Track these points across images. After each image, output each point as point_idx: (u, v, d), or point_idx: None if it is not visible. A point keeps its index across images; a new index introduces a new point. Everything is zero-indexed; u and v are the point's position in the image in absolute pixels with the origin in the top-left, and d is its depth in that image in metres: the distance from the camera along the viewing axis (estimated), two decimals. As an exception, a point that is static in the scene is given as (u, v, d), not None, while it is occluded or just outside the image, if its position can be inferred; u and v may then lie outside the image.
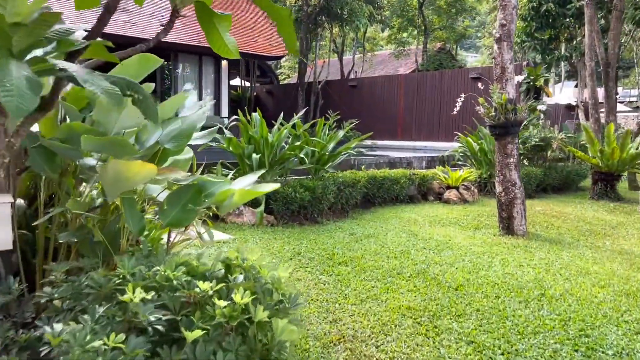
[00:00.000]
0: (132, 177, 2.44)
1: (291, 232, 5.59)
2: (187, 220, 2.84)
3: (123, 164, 2.38)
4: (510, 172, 5.98)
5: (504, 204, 6.03)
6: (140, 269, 2.21)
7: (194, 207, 2.80)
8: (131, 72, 2.93)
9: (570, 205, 8.44)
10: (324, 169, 6.63)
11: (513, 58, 6.02)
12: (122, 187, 2.51)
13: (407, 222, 6.42)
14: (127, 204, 2.66)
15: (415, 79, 15.02)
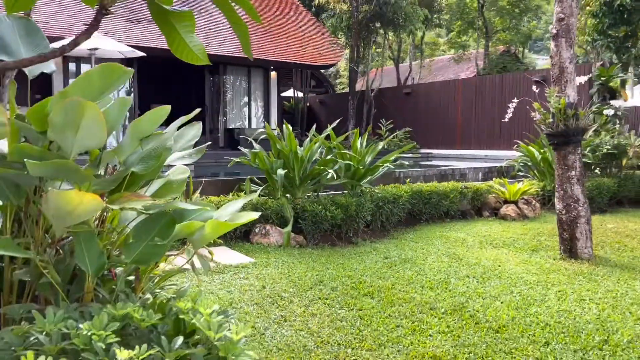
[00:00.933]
0: (72, 210, 2.05)
1: (319, 254, 5.11)
2: (156, 256, 2.43)
3: (59, 194, 2.00)
4: (571, 187, 5.20)
5: (565, 223, 5.27)
6: (65, 324, 1.81)
7: (164, 241, 2.39)
8: (95, 85, 2.55)
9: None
10: (359, 184, 6.10)
11: (574, 56, 5.26)
12: (66, 220, 2.14)
13: (453, 242, 5.77)
14: (80, 240, 2.28)
15: (473, 84, 14.16)
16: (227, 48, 12.78)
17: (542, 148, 8.63)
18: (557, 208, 5.33)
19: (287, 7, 16.74)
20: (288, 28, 15.33)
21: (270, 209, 5.44)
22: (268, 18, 15.56)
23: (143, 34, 11.85)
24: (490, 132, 13.63)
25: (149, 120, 2.73)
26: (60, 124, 2.24)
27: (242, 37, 2.00)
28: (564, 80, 5.22)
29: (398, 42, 21.03)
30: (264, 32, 14.53)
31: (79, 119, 2.20)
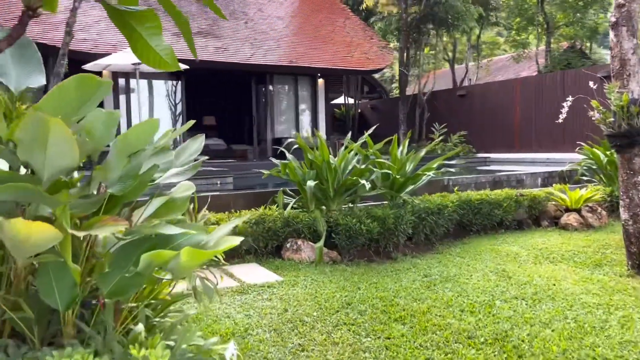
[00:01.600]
0: (25, 240, 1.84)
1: (353, 271, 4.75)
2: (134, 287, 2.19)
3: (7, 223, 1.78)
4: (638, 194, 4.58)
5: (632, 236, 4.65)
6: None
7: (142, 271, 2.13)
8: (70, 97, 2.34)
9: None
10: (398, 195, 5.70)
11: (637, 46, 4.65)
12: (23, 251, 1.93)
13: (504, 257, 5.25)
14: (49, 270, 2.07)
15: (532, 83, 13.32)
16: (272, 57, 12.70)
17: (609, 150, 7.85)
18: (623, 218, 4.72)
19: (335, 13, 16.51)
20: (335, 34, 15.08)
21: (302, 222, 5.15)
22: (315, 25, 15.39)
23: (197, 47, 11.87)
24: (552, 134, 12.73)
25: (137, 135, 2.49)
26: (28, 142, 2.04)
27: (184, 33, 1.78)
28: (626, 73, 4.61)
29: (453, 42, 20.29)
30: (311, 39, 14.37)
31: (44, 136, 1.99)
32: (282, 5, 15.89)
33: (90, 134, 2.39)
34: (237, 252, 5.10)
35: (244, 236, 5.03)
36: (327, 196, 5.48)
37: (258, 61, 12.21)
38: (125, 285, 2.12)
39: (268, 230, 5.12)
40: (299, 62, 12.85)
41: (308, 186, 5.01)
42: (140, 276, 2.11)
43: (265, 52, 12.75)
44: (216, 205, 5.60)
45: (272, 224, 5.12)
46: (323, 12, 16.27)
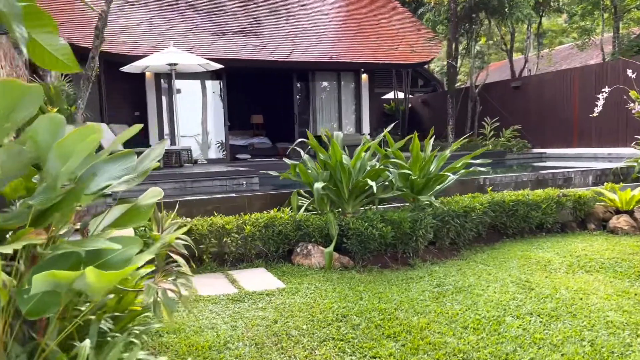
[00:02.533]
0: None
1: (361, 279, 4.47)
2: (54, 305, 2.06)
3: None
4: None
5: (679, 244, 4.08)
6: None
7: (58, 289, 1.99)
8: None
9: None
10: (417, 197, 5.34)
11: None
12: None
13: (533, 265, 4.78)
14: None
15: (592, 72, 12.35)
16: (312, 54, 12.49)
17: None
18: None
19: (381, 5, 16.09)
20: (380, 27, 14.67)
21: (312, 225, 4.92)
22: (359, 18, 15.03)
23: (228, 46, 11.96)
24: (614, 127, 11.75)
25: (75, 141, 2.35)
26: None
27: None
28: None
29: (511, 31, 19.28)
30: (354, 33, 14.04)
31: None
32: (327, 0, 15.66)
33: (34, 142, 2.27)
34: (247, 256, 4.95)
35: (253, 240, 4.88)
36: (342, 198, 5.22)
37: (297, 58, 12.06)
38: (44, 303, 1.99)
39: (279, 234, 4.93)
40: (340, 57, 12.57)
41: (315, 188, 4.77)
42: (57, 295, 1.97)
43: (305, 48, 12.58)
44: (230, 208, 5.48)
45: (283, 227, 4.93)
46: (369, 5, 15.89)
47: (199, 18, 12.88)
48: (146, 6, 12.71)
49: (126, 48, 10.72)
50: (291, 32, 13.19)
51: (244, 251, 4.89)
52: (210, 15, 13.16)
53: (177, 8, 13.08)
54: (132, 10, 12.34)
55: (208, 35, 12.17)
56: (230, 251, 4.82)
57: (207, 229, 4.70)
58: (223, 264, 4.89)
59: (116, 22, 11.70)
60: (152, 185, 7.28)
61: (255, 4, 14.47)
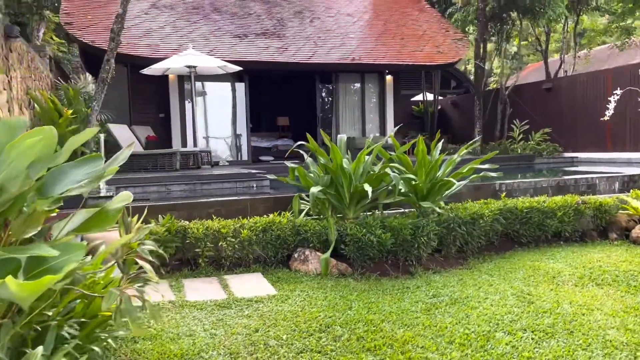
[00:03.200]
0: None
1: (357, 287, 4.34)
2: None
3: None
4: None
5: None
6: None
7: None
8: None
9: None
10: (420, 204, 5.16)
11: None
12: None
13: (540, 276, 4.54)
14: None
15: (627, 73, 11.79)
16: (335, 55, 12.36)
17: None
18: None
19: (409, 6, 15.83)
20: (406, 28, 14.42)
21: (310, 230, 4.82)
22: (385, 19, 14.83)
23: (249, 48, 11.97)
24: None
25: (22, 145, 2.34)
26: None
27: None
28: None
29: (546, 31, 18.69)
30: (378, 34, 13.85)
31: None
32: (353, 2, 15.53)
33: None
34: (244, 261, 4.88)
35: (250, 245, 4.82)
36: (343, 203, 5.10)
37: (319, 60, 11.96)
38: (-21, 311, 1.96)
39: (277, 239, 4.85)
40: (362, 59, 12.41)
41: (311, 192, 4.67)
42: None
43: (328, 50, 12.48)
44: (233, 211, 5.43)
45: (281, 231, 4.85)
46: (396, 6, 15.66)
47: (221, 20, 12.96)
48: (172, 9, 12.89)
49: (148, 51, 10.87)
50: (314, 34, 13.12)
51: (241, 255, 4.83)
52: (234, 18, 13.23)
53: (202, 10, 13.21)
54: (157, 14, 12.53)
55: (230, 37, 12.23)
56: (227, 255, 4.77)
57: (202, 232, 4.66)
58: (219, 269, 4.84)
59: (141, 25, 11.90)
60: (161, 187, 7.33)
61: (280, 6, 14.48)
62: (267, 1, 14.51)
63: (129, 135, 9.71)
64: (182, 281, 4.54)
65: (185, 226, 4.72)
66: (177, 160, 8.58)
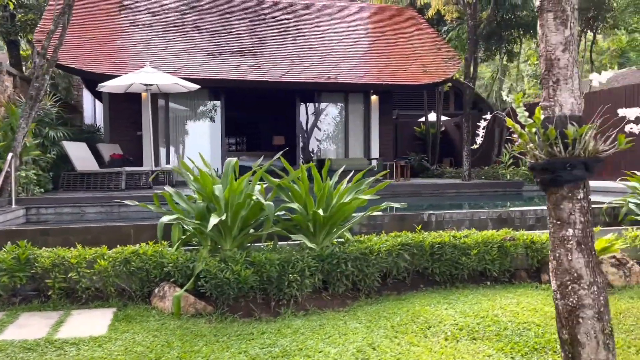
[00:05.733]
0: None
1: (199, 331, 3.87)
2: None
3: None
4: (568, 255, 3.12)
5: (561, 315, 3.17)
6: None
7: None
8: None
9: None
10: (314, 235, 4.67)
11: (572, 41, 3.22)
12: None
13: (414, 326, 3.97)
14: None
15: (620, 95, 10.91)
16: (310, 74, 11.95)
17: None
18: (553, 289, 3.26)
19: (405, 24, 15.32)
20: (396, 46, 13.93)
21: (172, 263, 4.41)
22: (375, 37, 14.38)
23: (220, 66, 11.69)
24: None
25: None
26: None
27: None
28: (553, 79, 3.20)
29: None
30: (363, 53, 13.39)
31: None
32: (345, 20, 15.16)
33: None
34: (105, 294, 4.51)
35: (108, 277, 4.45)
36: (219, 234, 4.68)
37: (291, 78, 11.61)
38: None
39: (139, 271, 4.47)
40: (339, 77, 11.98)
41: (160, 223, 4.28)
42: None
43: (304, 68, 12.11)
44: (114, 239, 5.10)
45: (144, 263, 4.46)
46: (390, 23, 15.19)
47: (199, 38, 12.84)
48: (150, 27, 12.87)
49: (112, 68, 10.81)
50: (294, 52, 12.80)
51: (101, 288, 4.47)
52: (213, 36, 13.09)
53: (181, 29, 13.12)
54: (134, 32, 12.53)
55: (203, 55, 12.07)
56: (82, 288, 4.42)
57: (51, 262, 4.33)
58: (74, 301, 4.49)
59: (112, 43, 11.91)
60: (75, 208, 7.09)
61: (266, 23, 14.27)
62: (253, 19, 14.34)
63: (86, 153, 9.59)
64: (19, 315, 4.21)
65: (36, 254, 4.40)
66: (122, 179, 8.35)
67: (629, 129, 3.16)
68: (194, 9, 14.18)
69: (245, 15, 14.44)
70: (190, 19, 13.71)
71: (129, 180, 8.68)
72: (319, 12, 15.47)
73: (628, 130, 3.14)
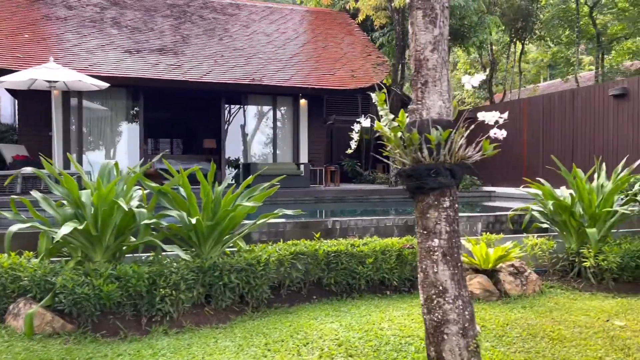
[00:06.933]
0: None
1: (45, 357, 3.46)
2: None
3: None
4: (434, 267, 2.93)
5: (428, 331, 2.99)
6: None
7: None
8: None
9: None
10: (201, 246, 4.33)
11: (441, 41, 3.05)
12: None
13: (289, 343, 3.70)
14: None
15: (540, 104, 11.16)
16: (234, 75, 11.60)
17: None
18: (420, 302, 3.07)
19: (337, 29, 15.23)
20: (325, 50, 13.79)
21: (27, 277, 3.97)
22: (305, 40, 14.21)
23: (136, 65, 11.13)
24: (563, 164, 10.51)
25: None
26: None
27: None
28: (422, 80, 3.02)
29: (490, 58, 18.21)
30: (292, 56, 13.17)
31: None
32: (276, 22, 14.90)
33: None
34: (-48, 312, 4.00)
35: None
36: (90, 243, 4.26)
37: (212, 79, 11.22)
38: None
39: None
40: (264, 80, 11.69)
41: (8, 232, 3.84)
42: None
43: (227, 69, 11.74)
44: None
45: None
46: (322, 27, 15.07)
47: (117, 35, 12.25)
48: (64, 21, 12.16)
49: (15, 63, 10.10)
50: (218, 52, 12.41)
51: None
52: (133, 33, 12.52)
53: (99, 24, 12.45)
54: (46, 25, 11.80)
55: (119, 52, 11.49)
56: None
57: None
58: None
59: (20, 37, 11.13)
60: None
61: (192, 22, 13.80)
62: (179, 17, 13.84)
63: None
64: None
65: None
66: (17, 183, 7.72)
67: (493, 135, 3.01)
68: (116, 4, 13.52)
69: (170, 13, 13.91)
70: (110, 14, 13.05)
71: (27, 184, 8.03)
72: (250, 13, 15.13)
73: (492, 136, 2.99)
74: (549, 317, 4.30)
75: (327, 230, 5.97)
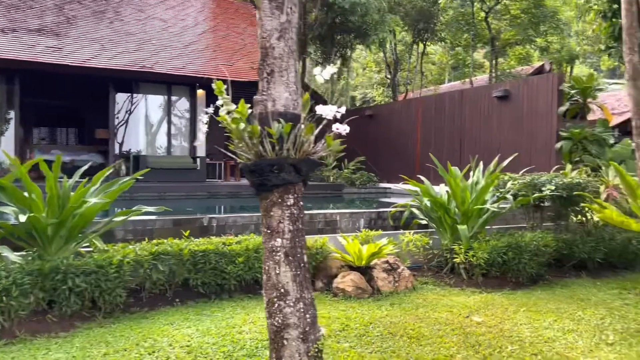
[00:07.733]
0: None
1: None
2: None
3: None
4: (277, 269, 2.76)
5: (270, 336, 2.81)
6: None
7: None
8: None
9: (591, 308, 4.63)
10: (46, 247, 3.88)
11: (289, 28, 2.87)
12: None
13: (133, 353, 3.40)
14: None
15: (433, 103, 11.52)
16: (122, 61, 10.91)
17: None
18: (264, 306, 2.88)
19: (240, 18, 14.89)
20: (225, 40, 13.41)
21: None
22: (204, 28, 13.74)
23: (10, 45, 10.14)
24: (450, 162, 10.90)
25: None
26: None
27: None
28: (267, 70, 2.83)
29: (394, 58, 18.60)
30: (188, 44, 12.67)
31: None
32: (174, 8, 14.27)
33: None
34: None
35: None
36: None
37: (97, 64, 10.49)
38: None
39: None
40: (155, 67, 11.12)
41: None
42: None
43: (115, 54, 11.04)
44: None
45: None
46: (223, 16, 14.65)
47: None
48: None
49: None
50: (106, 36, 11.65)
51: None
52: (9, 10, 11.44)
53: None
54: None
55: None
56: None
57: None
58: None
59: None
60: None
61: (80, 2, 12.85)
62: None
63: None
64: None
65: None
66: None
67: (336, 130, 2.87)
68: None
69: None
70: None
71: None
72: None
73: (335, 131, 2.86)
74: (413, 315, 4.30)
75: (202, 228, 5.67)
